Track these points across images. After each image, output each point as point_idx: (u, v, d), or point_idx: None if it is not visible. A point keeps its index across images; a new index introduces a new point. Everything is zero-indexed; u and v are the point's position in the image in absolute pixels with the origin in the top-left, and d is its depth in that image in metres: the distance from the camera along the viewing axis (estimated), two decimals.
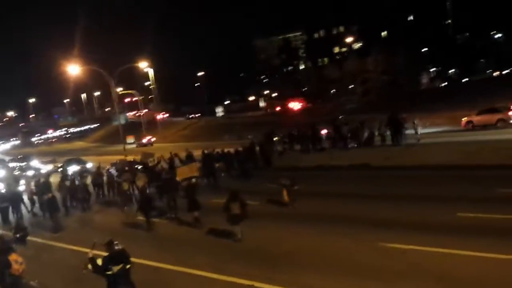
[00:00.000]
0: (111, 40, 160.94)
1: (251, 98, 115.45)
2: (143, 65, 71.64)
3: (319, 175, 24.55)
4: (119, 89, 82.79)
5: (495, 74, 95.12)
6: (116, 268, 9.09)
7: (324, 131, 33.23)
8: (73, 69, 51.31)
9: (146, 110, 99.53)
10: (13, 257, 10.55)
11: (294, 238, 13.83)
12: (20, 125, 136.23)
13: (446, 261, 10.50)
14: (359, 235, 13.02)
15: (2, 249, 10.75)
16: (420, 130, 29.87)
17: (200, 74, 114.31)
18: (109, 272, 9.08)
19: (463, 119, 35.24)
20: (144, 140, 71.99)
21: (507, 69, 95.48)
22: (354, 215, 15.35)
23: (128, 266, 9.27)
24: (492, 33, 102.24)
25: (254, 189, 21.85)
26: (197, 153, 29.67)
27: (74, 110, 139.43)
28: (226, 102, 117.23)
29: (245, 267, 11.75)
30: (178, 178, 19.87)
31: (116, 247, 9.54)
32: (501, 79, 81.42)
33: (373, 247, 11.95)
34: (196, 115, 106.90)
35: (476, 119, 34.19)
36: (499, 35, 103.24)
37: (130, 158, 36.04)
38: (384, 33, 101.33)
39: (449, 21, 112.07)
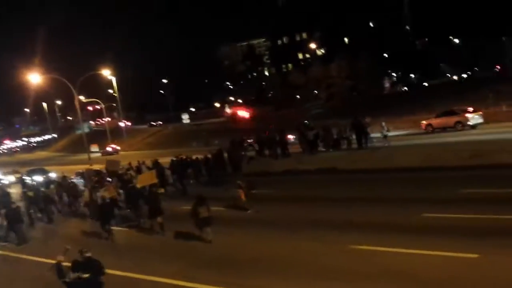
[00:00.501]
0: (72, 48, 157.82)
1: (217, 104, 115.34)
2: (106, 73, 70.84)
3: (287, 180, 24.80)
4: (82, 98, 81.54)
5: (454, 77, 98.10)
6: (73, 276, 8.98)
7: (291, 136, 33.60)
8: (34, 78, 50.32)
9: (109, 118, 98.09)
10: None
11: (262, 243, 13.91)
12: None
13: (414, 262, 10.73)
14: (327, 238, 13.20)
15: None
16: (388, 133, 30.57)
17: (164, 81, 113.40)
18: (66, 280, 8.99)
19: (422, 122, 36.24)
20: (109, 149, 70.88)
21: (465, 74, 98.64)
22: (323, 218, 15.54)
23: (85, 276, 9.01)
24: (450, 38, 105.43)
25: (223, 195, 21.88)
26: (165, 161, 29.49)
27: (35, 119, 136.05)
28: (191, 109, 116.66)
29: (214, 274, 11.78)
30: (138, 185, 19.92)
31: (86, 255, 9.49)
32: (459, 83, 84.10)
33: (342, 250, 12.13)
34: (158, 123, 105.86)
35: (435, 122, 35.23)
36: (457, 40, 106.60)
37: (96, 167, 35.48)
38: (346, 39, 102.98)
39: (408, 27, 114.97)
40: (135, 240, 16.89)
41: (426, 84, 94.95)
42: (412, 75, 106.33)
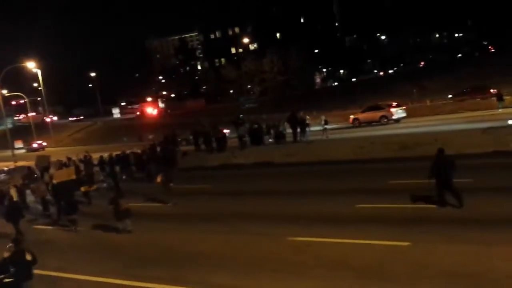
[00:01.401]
0: None
1: (149, 99, 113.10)
2: (31, 66, 67.44)
3: (223, 174, 24.85)
4: (4, 91, 77.20)
5: (380, 73, 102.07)
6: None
7: (226, 131, 33.66)
8: None
9: (34, 113, 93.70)
10: None
11: (201, 238, 13.86)
12: None
13: (348, 251, 11.10)
14: (265, 231, 13.36)
15: None
16: (327, 126, 31.36)
17: (92, 74, 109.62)
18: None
19: (350, 116, 37.50)
20: (35, 145, 67.71)
21: (390, 69, 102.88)
22: (259, 212, 15.75)
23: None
24: (377, 35, 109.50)
25: (155, 191, 21.63)
26: (95, 157, 28.66)
27: None
28: (123, 103, 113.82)
29: (153, 270, 11.59)
30: (55, 181, 19.78)
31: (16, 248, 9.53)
32: (385, 79, 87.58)
33: (279, 242, 12.33)
34: (80, 117, 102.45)
35: (362, 116, 36.61)
36: (384, 37, 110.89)
37: (20, 164, 33.85)
38: (278, 35, 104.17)
39: (337, 24, 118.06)
40: (68, 239, 16.28)
41: (354, 79, 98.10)
42: (341, 71, 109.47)
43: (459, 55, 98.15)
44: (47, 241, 16.21)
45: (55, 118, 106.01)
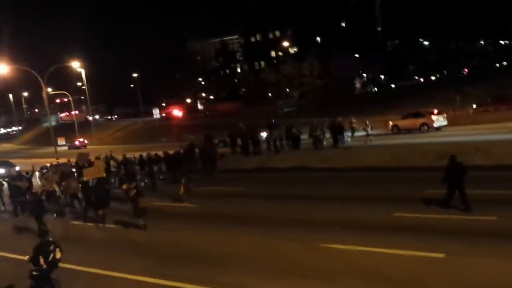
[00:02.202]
0: (41, 38, 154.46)
1: (188, 100, 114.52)
2: (75, 65, 69.47)
3: (258, 177, 24.85)
4: (50, 90, 79.81)
5: (421, 80, 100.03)
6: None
7: (263, 134, 33.68)
8: (1, 68, 49.00)
9: (77, 111, 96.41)
10: None
11: (233, 240, 13.90)
12: None
13: (381, 260, 10.92)
14: (297, 236, 13.27)
15: None
16: (372, 132, 31.02)
17: (134, 75, 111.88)
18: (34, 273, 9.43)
19: (389, 123, 36.81)
20: (77, 142, 69.61)
21: (433, 76, 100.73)
22: (293, 216, 15.65)
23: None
24: (420, 40, 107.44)
25: (193, 191, 21.84)
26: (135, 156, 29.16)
27: (1, 111, 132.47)
28: (163, 104, 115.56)
29: (184, 270, 11.67)
30: (85, 178, 20.50)
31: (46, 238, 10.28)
32: (427, 85, 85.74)
33: (311, 248, 12.23)
34: (114, 117, 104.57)
35: (401, 123, 35.89)
36: (426, 43, 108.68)
37: (62, 160, 34.77)
38: (318, 39, 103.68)
39: (379, 28, 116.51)
40: (97, 235, 16.64)
41: (393, 85, 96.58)
42: (382, 76, 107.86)
43: (504, 63, 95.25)
44: (78, 236, 16.60)
45: (97, 116, 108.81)
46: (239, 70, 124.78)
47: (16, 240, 16.99)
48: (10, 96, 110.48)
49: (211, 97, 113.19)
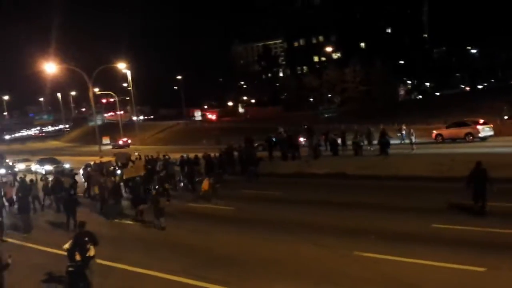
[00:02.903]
0: (89, 39, 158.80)
1: (230, 103, 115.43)
2: (121, 66, 71.04)
3: (295, 182, 24.75)
4: (96, 90, 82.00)
5: (467, 88, 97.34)
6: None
7: (302, 139, 33.57)
8: (50, 68, 50.65)
9: (122, 112, 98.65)
10: None
11: (268, 245, 13.86)
12: None
13: (418, 272, 10.63)
14: (333, 244, 13.13)
15: None
16: (415, 140, 30.50)
17: (178, 77, 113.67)
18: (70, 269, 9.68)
19: (433, 131, 35.99)
20: (120, 142, 71.26)
21: (480, 84, 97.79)
22: (329, 223, 15.49)
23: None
24: (467, 48, 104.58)
25: (229, 194, 22.07)
26: (174, 157, 29.59)
27: (50, 109, 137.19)
28: (204, 106, 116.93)
29: (219, 273, 11.71)
30: (124, 177, 22.30)
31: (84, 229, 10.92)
32: (473, 94, 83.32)
33: (345, 256, 12.06)
34: (146, 117, 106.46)
35: (446, 132, 34.98)
36: (475, 50, 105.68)
37: (105, 159, 35.64)
38: (362, 44, 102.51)
39: (425, 35, 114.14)
40: (138, 234, 16.91)
41: (438, 93, 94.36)
42: (427, 84, 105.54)
43: None
44: (116, 234, 16.91)
45: (141, 117, 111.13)
46: (281, 74, 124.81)
47: (55, 235, 17.45)
48: (59, 95, 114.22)
49: (253, 100, 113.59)
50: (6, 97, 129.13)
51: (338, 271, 11.20)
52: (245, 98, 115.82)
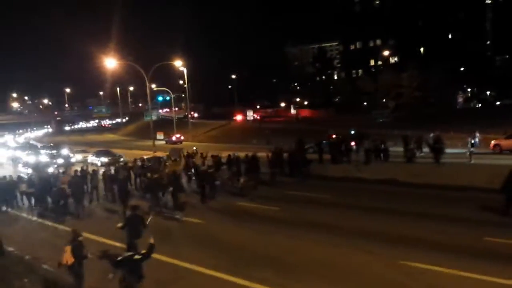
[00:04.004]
0: (148, 36, 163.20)
1: (282, 104, 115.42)
2: (178, 64, 72.60)
3: (344, 186, 24.48)
4: (153, 86, 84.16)
5: None
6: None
7: (352, 143, 33.12)
8: (110, 63, 52.48)
9: (177, 108, 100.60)
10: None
11: (312, 247, 13.78)
12: (55, 113, 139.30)
13: (467, 285, 10.33)
14: (378, 250, 12.92)
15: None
16: (473, 150, 29.46)
17: (233, 76, 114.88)
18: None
19: (492, 142, 34.81)
20: (174, 138, 72.71)
21: None
22: (375, 229, 15.22)
23: (137, 257, 9.49)
24: None
25: (276, 195, 22.11)
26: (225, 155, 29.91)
27: (108, 103, 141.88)
28: (257, 106, 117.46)
29: (261, 272, 11.77)
30: (166, 171, 23.89)
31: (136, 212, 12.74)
32: None
33: (393, 264, 11.82)
34: (194, 115, 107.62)
35: (505, 143, 33.70)
36: None
37: (158, 154, 36.51)
38: (421, 49, 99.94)
39: (488, 42, 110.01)
40: (181, 229, 17.20)
41: (498, 102, 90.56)
42: (488, 92, 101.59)
43: None
44: (163, 229, 17.20)
45: (195, 115, 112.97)
46: (335, 77, 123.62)
47: (108, 223, 18.01)
48: (118, 89, 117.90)
49: (305, 102, 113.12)
50: (68, 90, 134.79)
51: (383, 279, 11.00)
52: (298, 99, 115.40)
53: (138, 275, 9.48)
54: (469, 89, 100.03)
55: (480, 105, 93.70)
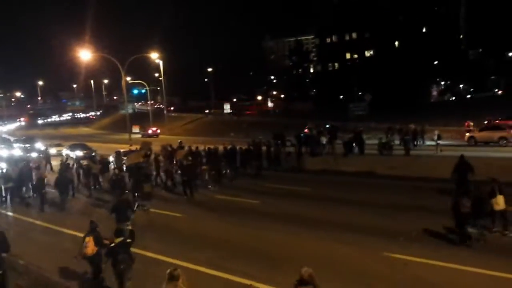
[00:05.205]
0: (123, 28, 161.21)
1: (259, 97, 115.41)
2: (154, 56, 71.76)
3: (322, 179, 24.58)
4: (129, 79, 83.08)
5: (499, 92, 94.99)
6: (117, 240, 10.15)
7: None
8: (84, 55, 51.49)
9: (152, 101, 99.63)
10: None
11: (296, 241, 13.76)
12: (27, 106, 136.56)
13: (451, 277, 10.43)
14: (360, 243, 12.99)
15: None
16: (439, 142, 29.96)
17: (209, 70, 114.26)
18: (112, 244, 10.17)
19: (466, 134, 35.35)
20: (150, 131, 71.99)
21: None
22: (357, 222, 15.29)
23: (128, 240, 10.30)
24: (506, 52, 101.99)
25: (256, 188, 22.07)
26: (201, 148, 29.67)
27: (82, 96, 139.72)
28: (234, 100, 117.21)
29: (244, 266, 11.71)
30: (127, 163, 24.35)
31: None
32: (508, 97, 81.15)
33: (375, 256, 11.90)
34: (171, 108, 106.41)
35: (479, 135, 34.26)
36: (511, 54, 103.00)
37: (134, 147, 36.02)
38: (396, 43, 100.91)
39: (461, 36, 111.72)
40: (171, 225, 17.03)
41: (469, 96, 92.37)
42: (461, 86, 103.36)
43: None
44: (144, 224, 17.05)
45: (171, 108, 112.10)
46: (311, 70, 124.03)
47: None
48: (91, 82, 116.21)
49: (282, 96, 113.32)
50: (40, 82, 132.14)
51: (366, 271, 11.05)
52: (274, 92, 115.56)
53: (131, 258, 10.26)
54: (442, 83, 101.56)
55: (453, 98, 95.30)
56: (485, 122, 37.24)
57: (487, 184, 13.66)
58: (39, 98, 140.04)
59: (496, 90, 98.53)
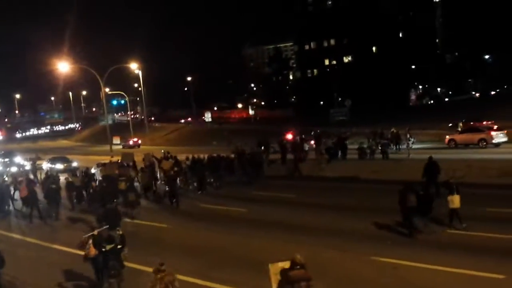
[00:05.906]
0: (101, 39, 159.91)
1: (240, 105, 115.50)
2: (133, 67, 71.38)
3: (307, 185, 24.63)
4: (108, 89, 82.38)
5: (477, 94, 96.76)
6: (109, 246, 10.49)
7: (311, 142, 33.47)
8: (62, 67, 50.99)
9: (132, 112, 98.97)
10: None
11: (281, 247, 13.65)
12: (5, 120, 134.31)
13: (439, 279, 10.50)
14: (348, 247, 13.04)
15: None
16: (412, 145, 30.32)
17: (188, 78, 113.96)
18: (103, 249, 10.49)
19: (446, 136, 35.76)
20: (131, 142, 71.32)
21: (493, 91, 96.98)
22: (343, 226, 15.37)
23: (119, 246, 10.71)
24: (481, 54, 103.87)
25: (241, 196, 22.03)
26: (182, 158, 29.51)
27: (60, 108, 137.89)
28: (214, 108, 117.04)
29: (232, 274, 11.65)
30: (101, 174, 24.98)
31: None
32: (487, 100, 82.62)
33: (362, 260, 11.94)
34: (151, 118, 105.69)
35: (459, 137, 34.68)
36: (487, 56, 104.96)
37: (115, 159, 35.66)
38: (374, 48, 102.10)
39: (437, 40, 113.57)
40: (150, 234, 16.85)
41: (447, 99, 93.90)
42: (439, 89, 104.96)
43: None
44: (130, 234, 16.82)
45: (152, 118, 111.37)
46: (291, 77, 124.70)
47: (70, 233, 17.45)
48: (70, 94, 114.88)
49: (262, 103, 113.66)
50: (17, 96, 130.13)
51: (355, 275, 11.09)
52: (255, 100, 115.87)
53: (121, 264, 10.59)
54: (420, 86, 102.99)
55: (432, 101, 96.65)
56: (460, 125, 37.83)
57: (446, 184, 14.66)
58: (17, 111, 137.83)
59: (473, 92, 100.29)
